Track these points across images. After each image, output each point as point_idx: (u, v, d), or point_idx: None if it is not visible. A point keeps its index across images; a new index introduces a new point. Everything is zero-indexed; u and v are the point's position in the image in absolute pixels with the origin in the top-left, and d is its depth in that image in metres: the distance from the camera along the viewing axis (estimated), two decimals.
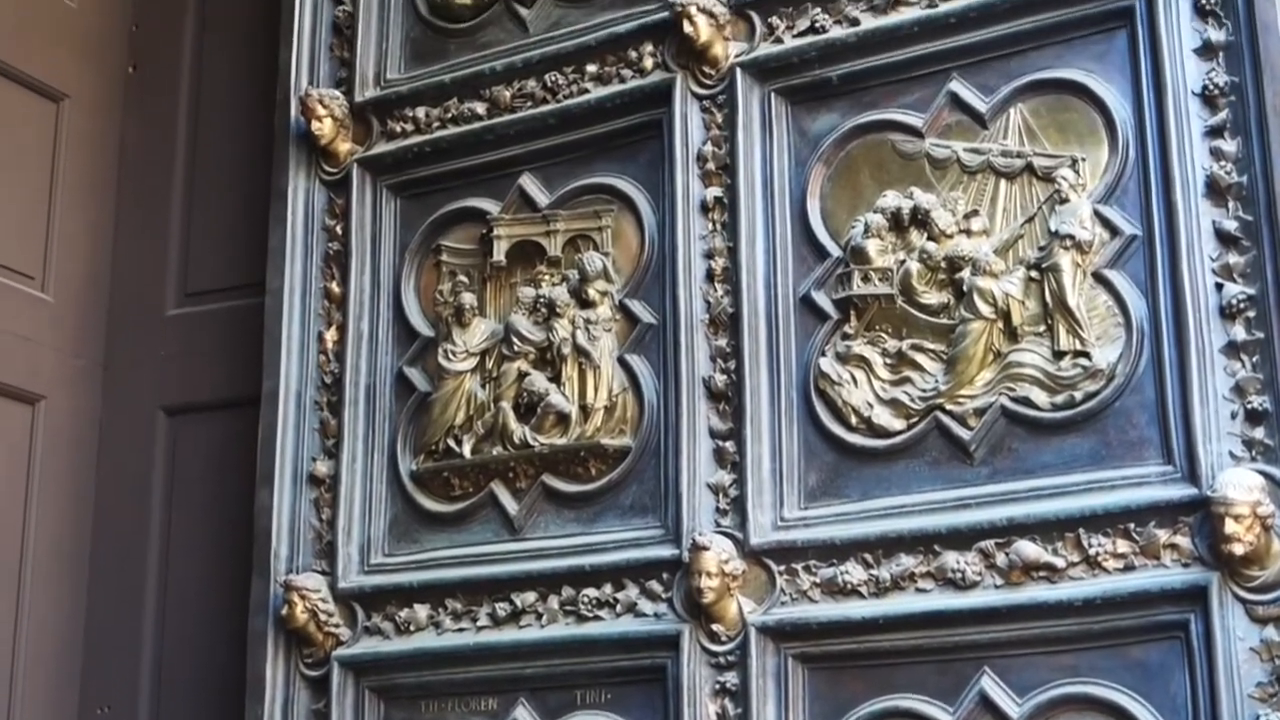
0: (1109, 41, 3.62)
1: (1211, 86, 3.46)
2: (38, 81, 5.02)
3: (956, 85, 3.75)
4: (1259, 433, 3.31)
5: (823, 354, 3.78)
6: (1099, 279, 3.53)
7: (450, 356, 4.21)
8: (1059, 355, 3.54)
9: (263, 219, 4.54)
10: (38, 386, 4.91)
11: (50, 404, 4.93)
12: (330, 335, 4.38)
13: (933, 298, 3.69)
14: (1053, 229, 3.57)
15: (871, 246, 3.75)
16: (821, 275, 3.82)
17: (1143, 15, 3.56)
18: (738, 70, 3.95)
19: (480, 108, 4.31)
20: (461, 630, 4.06)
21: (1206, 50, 3.49)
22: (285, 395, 4.37)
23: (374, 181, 4.43)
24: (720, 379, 3.85)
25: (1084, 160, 3.59)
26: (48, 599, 4.84)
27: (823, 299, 3.81)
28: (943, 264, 3.68)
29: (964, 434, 3.60)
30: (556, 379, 4.08)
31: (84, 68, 5.17)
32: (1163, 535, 3.36)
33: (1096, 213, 3.54)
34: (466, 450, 4.16)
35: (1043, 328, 3.56)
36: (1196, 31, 3.50)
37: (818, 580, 3.67)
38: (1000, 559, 3.49)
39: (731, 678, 3.70)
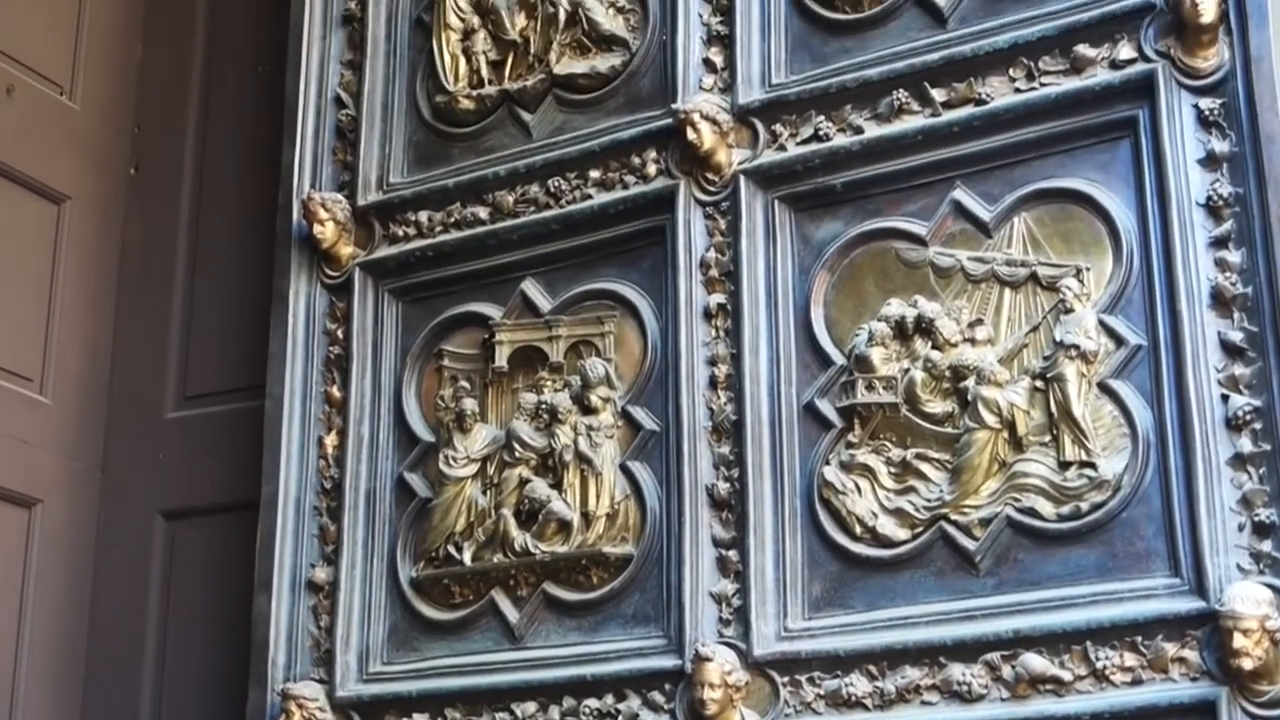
0: (1113, 151, 3.63)
1: (1216, 197, 3.46)
2: (39, 184, 5.03)
3: (960, 194, 3.75)
4: (1267, 545, 3.28)
5: (827, 462, 3.75)
6: (1104, 389, 3.52)
7: (451, 462, 4.19)
8: (1064, 466, 3.51)
9: (263, 322, 4.53)
10: (35, 490, 4.88)
11: (47, 507, 4.91)
12: (330, 440, 4.36)
13: (937, 407, 3.67)
14: (1057, 339, 3.55)
15: (875, 355, 3.74)
16: (825, 383, 3.80)
17: (1146, 125, 3.57)
18: (741, 177, 3.95)
19: (483, 212, 4.31)
20: None
21: (1210, 161, 3.49)
22: (284, 500, 4.34)
23: (376, 285, 4.42)
24: (723, 487, 3.83)
25: (1088, 270, 3.58)
26: (43, 706, 4.80)
27: (827, 407, 3.79)
28: (947, 373, 3.66)
29: (969, 544, 3.57)
30: (558, 486, 4.05)
31: (86, 169, 5.18)
32: (1171, 649, 3.33)
33: (1101, 322, 3.53)
34: (467, 557, 4.12)
35: (1048, 438, 3.54)
36: (1200, 142, 3.50)
37: (822, 692, 3.63)
38: (1006, 671, 3.46)
39: None
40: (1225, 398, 3.37)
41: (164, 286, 5.12)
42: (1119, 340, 3.52)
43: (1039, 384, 3.56)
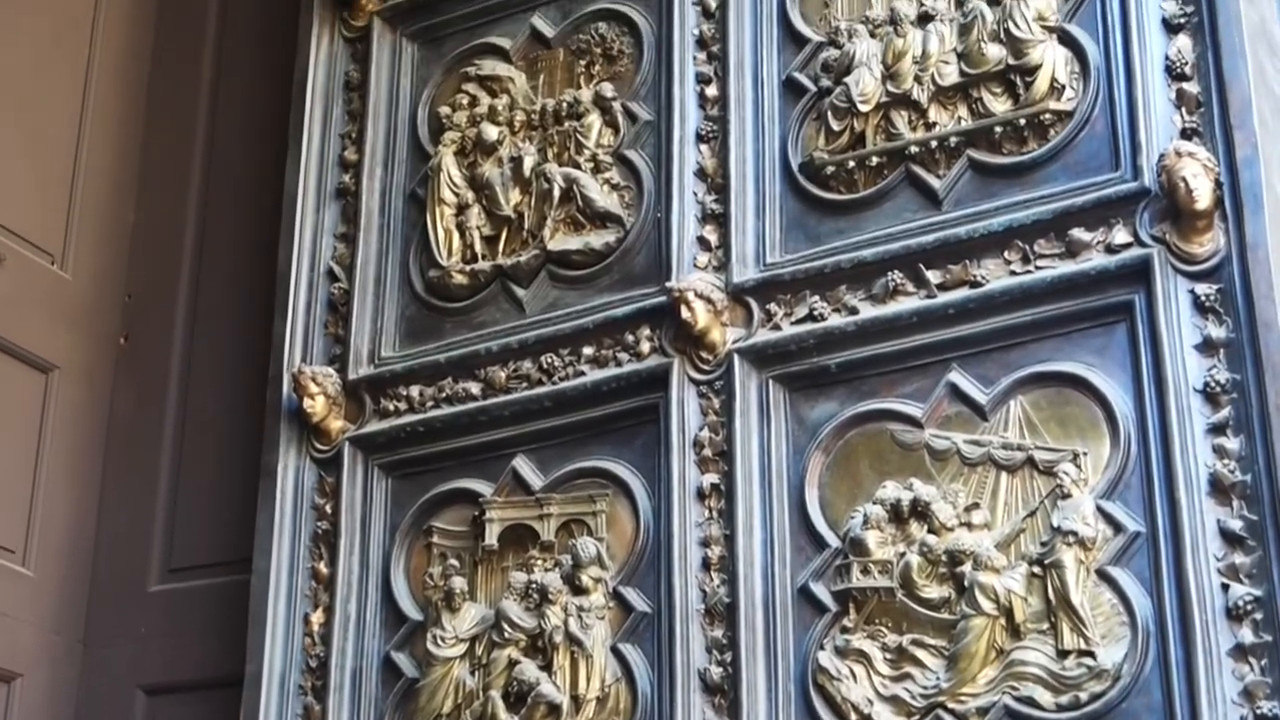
0: (1109, 335, 3.61)
1: (1213, 383, 3.44)
2: (28, 353, 5.01)
3: (956, 376, 3.73)
4: None
5: (821, 647, 3.69)
6: (1103, 576, 3.47)
7: (439, 642, 4.12)
8: (1063, 654, 3.45)
9: (251, 495, 4.48)
10: (15, 664, 4.80)
11: (27, 682, 4.82)
12: (316, 617, 4.30)
13: (933, 592, 3.62)
14: (1055, 524, 3.51)
15: (871, 538, 3.69)
16: (820, 566, 3.75)
17: (1143, 310, 3.56)
18: (735, 356, 3.93)
19: (475, 388, 4.29)
20: None
21: (1207, 347, 3.47)
22: (269, 678, 4.26)
23: (365, 460, 4.38)
24: (716, 671, 3.76)
25: (1086, 455, 3.56)
26: None
27: (821, 591, 3.74)
28: (943, 558, 3.62)
29: None
30: (548, 668, 3.97)
31: (75, 338, 5.17)
32: None
33: (1099, 508, 3.49)
34: None
35: (1046, 625, 3.49)
36: (1197, 327, 3.49)
37: None
38: None
39: None
40: (1225, 587, 3.33)
41: (151, 457, 5.08)
42: (1117, 527, 3.48)
43: (1036, 570, 3.52)
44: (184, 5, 5.57)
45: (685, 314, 3.94)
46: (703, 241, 4.09)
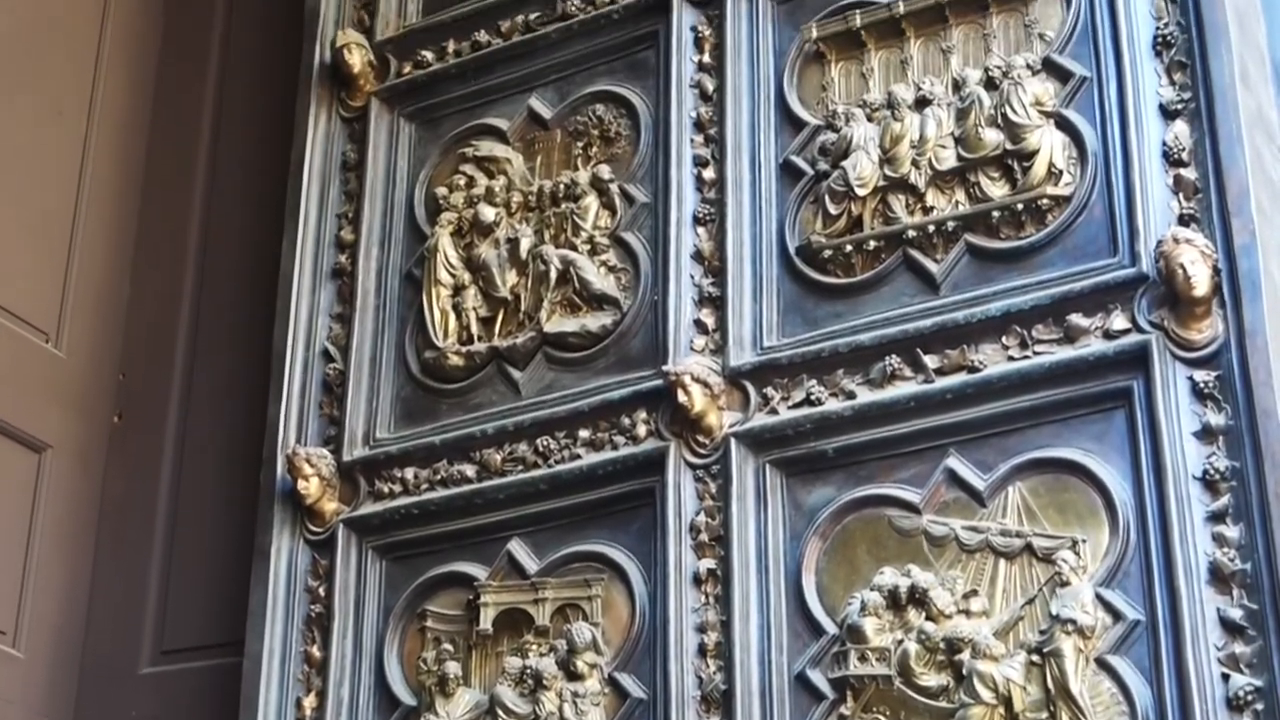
0: (1107, 421, 3.60)
1: (1212, 471, 3.42)
2: (20, 432, 4.98)
3: (954, 462, 3.72)
4: None
5: None
6: (1102, 665, 3.44)
7: None
8: None
9: (244, 577, 4.45)
10: None
11: None
12: (309, 701, 4.26)
13: (931, 680, 3.59)
14: (1054, 612, 3.48)
15: (869, 625, 3.66)
16: (817, 653, 3.72)
17: (1141, 397, 3.54)
18: (732, 440, 3.92)
19: (470, 470, 4.27)
20: None
21: (1206, 434, 3.46)
22: None
23: (359, 542, 4.35)
24: None
25: (1084, 542, 3.53)
26: None
27: (819, 678, 3.70)
28: (942, 645, 3.58)
29: None
30: None
31: (68, 417, 5.14)
32: None
33: (1098, 596, 3.47)
34: None
35: (1045, 714, 3.45)
36: (1195, 414, 3.48)
37: None
38: None
39: None
40: (1226, 677, 3.30)
41: (143, 538, 5.05)
42: (1116, 615, 3.45)
43: (1035, 659, 3.48)
44: (182, 83, 5.57)
45: (682, 398, 3.92)
46: (699, 324, 4.08)
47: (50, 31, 5.31)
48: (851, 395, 3.85)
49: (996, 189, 3.85)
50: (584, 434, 4.14)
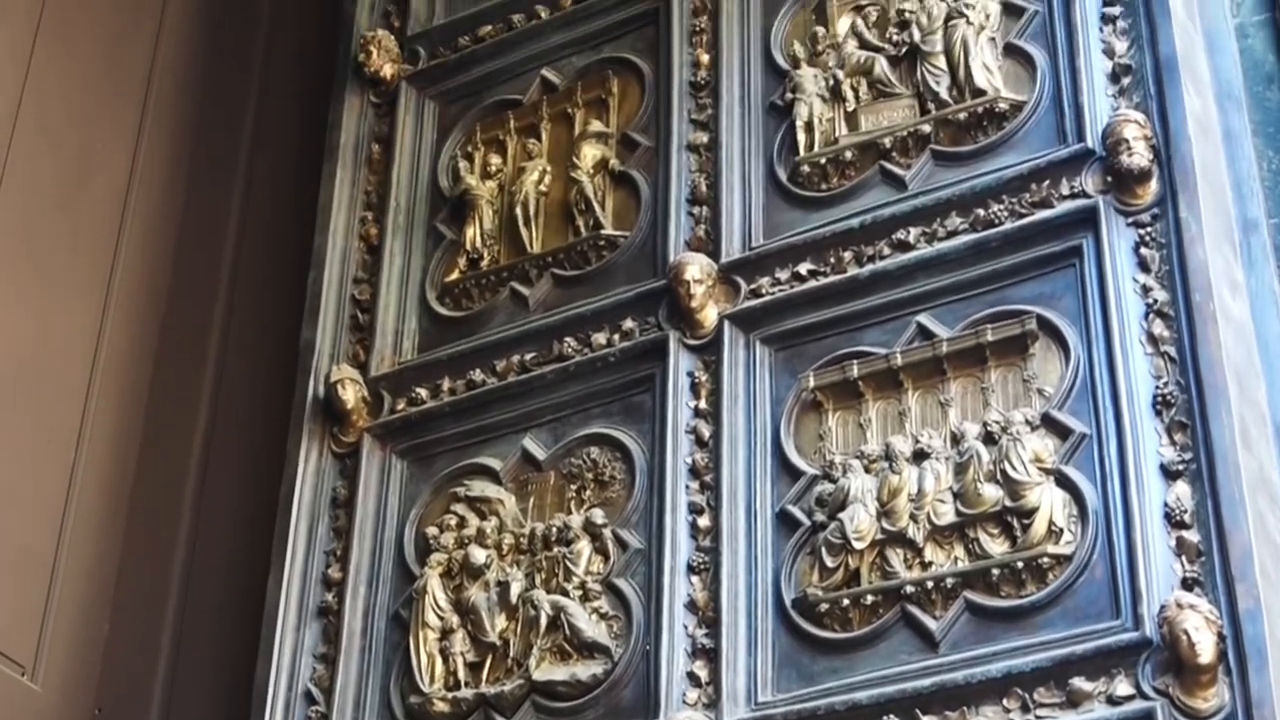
0: None
1: None
2: None
3: None
4: None
5: None
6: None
7: None
8: None
9: None
10: None
11: None
12: None
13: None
14: None
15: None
16: None
17: None
18: None
19: None
20: None
21: None
22: None
23: None
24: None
25: None
26: None
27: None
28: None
29: None
30: None
31: None
32: None
33: None
34: None
35: None
36: None
37: None
38: None
39: None
40: None
41: None
42: None
43: None
44: (169, 425, 5.55)
45: None
46: (692, 677, 4.00)
47: (42, 361, 5.30)
48: None
49: (996, 546, 3.80)
50: None
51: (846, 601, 3.91)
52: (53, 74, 5.43)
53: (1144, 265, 3.86)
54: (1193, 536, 3.59)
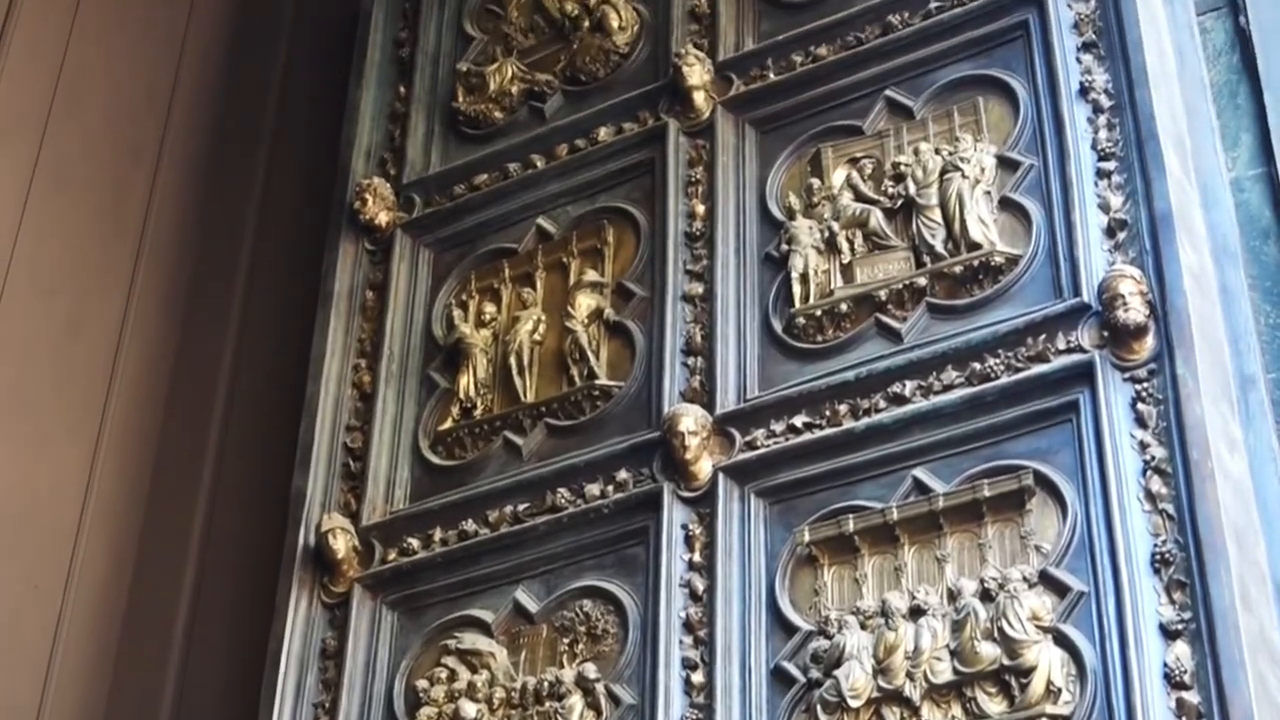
0: None
1: None
2: None
3: None
4: None
5: None
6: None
7: None
8: None
9: None
10: None
11: None
12: None
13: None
14: None
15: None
16: None
17: None
18: None
19: None
20: None
21: None
22: None
23: None
24: None
25: None
26: None
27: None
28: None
29: None
30: None
31: None
32: None
33: None
34: None
35: None
36: None
37: None
38: None
39: None
40: None
41: None
42: None
43: None
44: (163, 546, 5.50)
45: None
46: None
47: (30, 509, 5.26)
48: None
49: (994, 704, 3.75)
50: None
51: None
52: (48, 219, 5.44)
53: (1141, 421, 3.84)
54: (1193, 698, 3.54)
